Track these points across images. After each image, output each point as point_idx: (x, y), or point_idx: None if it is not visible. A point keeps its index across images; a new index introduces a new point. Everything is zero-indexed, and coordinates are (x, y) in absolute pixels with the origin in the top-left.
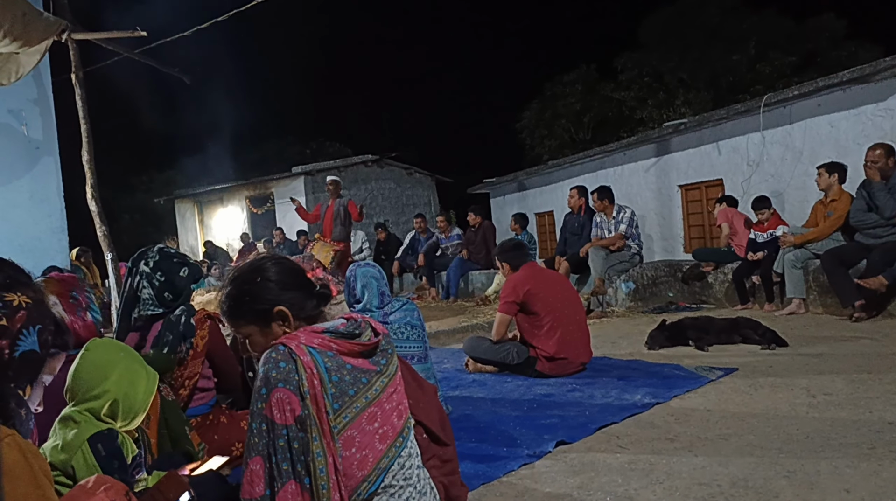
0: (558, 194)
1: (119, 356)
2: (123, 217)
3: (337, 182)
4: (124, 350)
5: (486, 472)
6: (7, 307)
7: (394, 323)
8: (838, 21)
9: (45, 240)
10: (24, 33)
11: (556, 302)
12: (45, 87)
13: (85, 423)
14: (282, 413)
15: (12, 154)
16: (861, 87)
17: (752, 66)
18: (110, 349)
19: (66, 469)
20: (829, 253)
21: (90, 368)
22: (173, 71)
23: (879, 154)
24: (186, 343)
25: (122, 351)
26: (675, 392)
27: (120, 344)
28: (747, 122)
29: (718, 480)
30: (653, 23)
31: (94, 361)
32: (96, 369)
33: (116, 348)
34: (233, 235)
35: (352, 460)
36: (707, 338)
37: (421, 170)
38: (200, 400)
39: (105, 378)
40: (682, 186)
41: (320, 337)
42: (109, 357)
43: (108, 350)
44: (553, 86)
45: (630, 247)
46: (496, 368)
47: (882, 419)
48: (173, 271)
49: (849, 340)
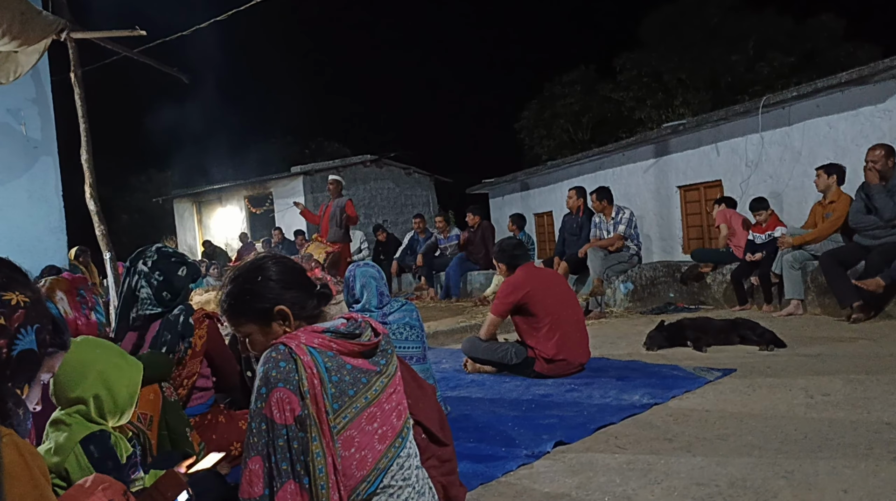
0: (557, 195)
1: (95, 354)
2: (122, 216)
3: (338, 182)
4: (101, 346)
5: (485, 472)
6: (5, 306)
7: (392, 323)
8: (837, 21)
9: (44, 239)
10: (22, 32)
11: (555, 304)
12: (43, 87)
13: (76, 425)
14: (281, 412)
15: (11, 153)
16: (860, 89)
17: (752, 66)
18: (85, 348)
19: (59, 472)
20: (827, 254)
21: (67, 370)
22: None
23: (880, 154)
24: (185, 342)
25: (99, 348)
26: (673, 392)
27: (97, 341)
28: (746, 123)
29: (717, 480)
30: (652, 23)
31: (71, 362)
32: (73, 370)
33: (92, 346)
34: (231, 235)
35: (351, 460)
36: (705, 339)
37: (420, 170)
38: (199, 400)
39: (83, 377)
40: (680, 187)
41: (320, 337)
42: (85, 356)
43: (83, 349)
44: (552, 86)
45: (629, 248)
46: (495, 368)
47: (880, 419)
48: (172, 270)
49: (847, 341)
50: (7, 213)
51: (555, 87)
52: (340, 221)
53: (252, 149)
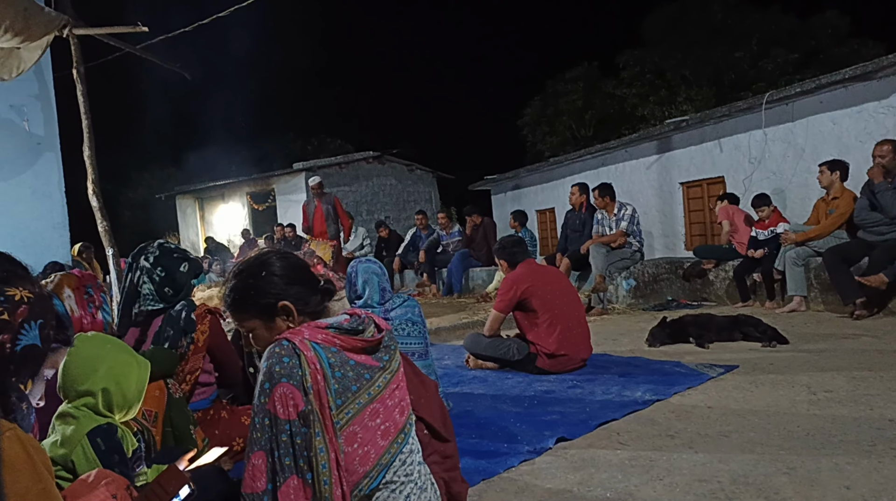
0: (559, 191)
1: (106, 349)
2: (125, 213)
3: (321, 183)
4: (111, 342)
5: (487, 468)
6: (9, 301)
7: (395, 319)
8: (841, 18)
9: (47, 235)
10: (25, 28)
11: (555, 299)
12: (46, 83)
13: (84, 418)
14: (285, 408)
15: (14, 149)
16: (863, 85)
17: (755, 63)
18: (96, 343)
19: (66, 463)
20: (831, 250)
21: (78, 363)
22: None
23: (888, 149)
24: (187, 338)
25: (109, 344)
26: (675, 389)
27: (107, 337)
28: (749, 120)
29: (719, 476)
30: (655, 20)
31: (81, 356)
32: (84, 364)
33: (102, 341)
34: (234, 231)
35: (354, 456)
36: (708, 336)
37: (422, 166)
38: (201, 395)
39: (94, 371)
40: (683, 183)
41: (324, 333)
42: (96, 351)
43: (94, 344)
44: (555, 83)
45: (631, 245)
46: (497, 365)
47: (883, 416)
48: (174, 266)
49: (850, 337)
50: (10, 209)
51: (558, 84)
52: (335, 218)
53: (254, 146)
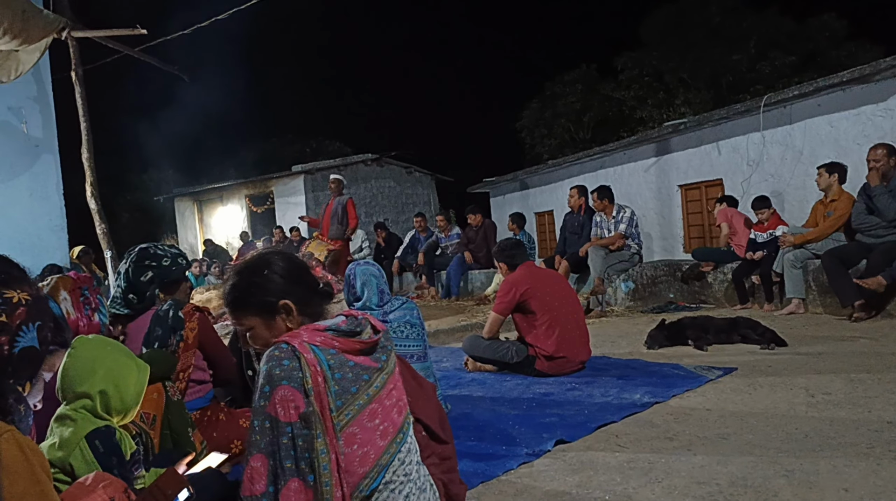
0: (558, 194)
1: (105, 351)
2: (123, 215)
3: (339, 181)
4: (111, 344)
5: (485, 470)
6: (6, 303)
7: (393, 321)
8: (839, 21)
9: (45, 237)
10: (23, 31)
11: (554, 301)
12: (44, 85)
13: (82, 420)
14: (286, 410)
15: (12, 152)
16: (861, 88)
17: (753, 66)
18: (96, 345)
19: (64, 466)
20: (829, 252)
21: (77, 365)
22: (173, 69)
23: (882, 153)
24: (176, 335)
25: (109, 346)
26: (674, 391)
27: (107, 340)
28: (747, 122)
29: (717, 479)
30: (653, 22)
31: (81, 358)
32: (83, 365)
33: (102, 344)
34: (232, 234)
35: (354, 457)
36: (706, 338)
37: (421, 169)
38: (197, 394)
39: (93, 373)
40: (681, 186)
41: (322, 335)
42: (95, 353)
43: (93, 346)
44: (553, 85)
45: (630, 247)
46: (495, 367)
47: (881, 418)
48: (137, 274)
49: (848, 340)
50: (8, 211)
51: (556, 86)
52: (342, 218)
53: (253, 148)
